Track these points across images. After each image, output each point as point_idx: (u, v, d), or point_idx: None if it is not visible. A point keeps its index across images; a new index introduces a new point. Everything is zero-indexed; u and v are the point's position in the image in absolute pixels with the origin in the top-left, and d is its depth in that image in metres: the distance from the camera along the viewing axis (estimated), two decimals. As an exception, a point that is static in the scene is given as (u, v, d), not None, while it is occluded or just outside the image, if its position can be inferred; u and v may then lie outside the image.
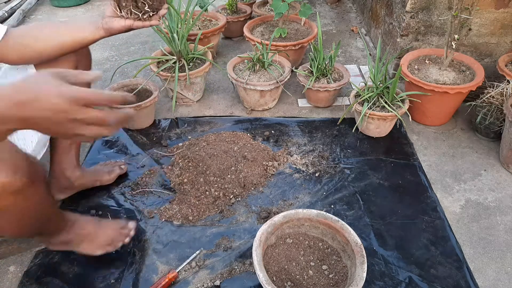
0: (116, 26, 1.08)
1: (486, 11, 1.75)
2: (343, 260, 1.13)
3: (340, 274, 1.10)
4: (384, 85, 1.60)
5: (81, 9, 3.07)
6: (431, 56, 1.80)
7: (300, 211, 1.15)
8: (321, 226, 1.16)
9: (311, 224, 1.17)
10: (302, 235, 1.19)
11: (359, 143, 1.66)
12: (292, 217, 1.14)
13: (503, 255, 1.23)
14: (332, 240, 1.16)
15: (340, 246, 1.14)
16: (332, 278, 1.10)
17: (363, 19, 2.69)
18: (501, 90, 1.55)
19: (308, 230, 1.18)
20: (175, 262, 1.21)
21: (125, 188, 1.46)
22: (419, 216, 1.34)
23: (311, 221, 1.16)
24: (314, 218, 1.15)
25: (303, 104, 1.91)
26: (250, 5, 2.59)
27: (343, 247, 1.12)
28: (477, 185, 1.47)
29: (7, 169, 0.81)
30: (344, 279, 1.08)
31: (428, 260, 1.21)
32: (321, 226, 1.16)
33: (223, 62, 2.24)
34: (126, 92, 0.83)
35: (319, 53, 1.77)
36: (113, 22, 1.08)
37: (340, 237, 1.12)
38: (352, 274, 1.05)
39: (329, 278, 1.10)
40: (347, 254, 1.11)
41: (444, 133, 1.72)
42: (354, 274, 1.02)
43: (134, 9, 1.05)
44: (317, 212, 1.14)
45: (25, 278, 1.17)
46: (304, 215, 1.14)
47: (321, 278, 1.10)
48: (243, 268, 1.19)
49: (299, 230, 1.18)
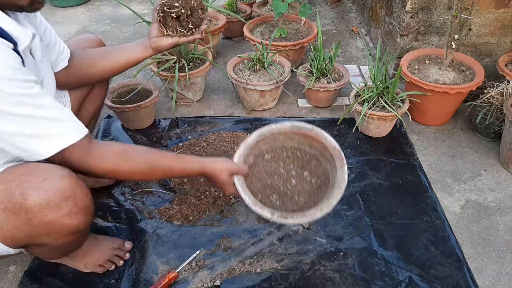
0: (164, 44, 1.19)
1: (486, 11, 1.75)
2: (322, 164, 1.14)
3: (322, 178, 1.12)
4: (384, 85, 1.60)
5: (81, 9, 3.07)
6: (431, 56, 1.80)
7: (274, 126, 1.14)
8: (296, 137, 1.16)
9: (286, 137, 1.17)
10: (279, 148, 1.19)
11: (359, 143, 1.66)
12: (267, 134, 1.14)
13: (503, 255, 1.23)
14: (309, 147, 1.17)
15: (318, 152, 1.15)
16: (315, 182, 1.12)
17: (363, 19, 2.69)
18: (501, 90, 1.55)
19: (284, 143, 1.18)
20: (175, 262, 1.21)
21: (125, 188, 1.46)
22: (419, 216, 1.34)
23: (286, 135, 1.16)
24: (288, 131, 1.15)
25: (303, 104, 1.91)
26: (250, 5, 2.59)
27: (321, 153, 1.14)
28: (477, 185, 1.47)
29: (80, 213, 0.91)
30: (326, 182, 1.09)
31: (428, 260, 1.21)
32: (296, 137, 1.16)
33: (223, 62, 2.24)
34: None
35: (319, 53, 1.77)
36: (161, 41, 1.19)
37: (317, 144, 1.13)
38: (333, 177, 1.06)
39: (312, 184, 1.12)
40: (326, 158, 1.13)
41: (444, 133, 1.72)
42: (335, 177, 1.04)
43: (179, 28, 1.15)
44: (291, 124, 1.14)
45: (25, 278, 1.17)
46: (278, 130, 1.14)
47: (304, 185, 1.12)
48: (243, 268, 1.19)
49: (275, 144, 1.18)
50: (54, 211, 0.86)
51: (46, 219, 0.86)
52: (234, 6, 2.48)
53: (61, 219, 0.88)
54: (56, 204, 0.86)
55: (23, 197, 0.84)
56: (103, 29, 2.74)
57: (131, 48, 1.23)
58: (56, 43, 1.13)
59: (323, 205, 1.00)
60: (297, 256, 1.22)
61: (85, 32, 2.69)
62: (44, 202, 0.85)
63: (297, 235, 1.28)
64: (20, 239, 0.91)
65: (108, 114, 1.83)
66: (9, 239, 0.91)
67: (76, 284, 1.15)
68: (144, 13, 2.94)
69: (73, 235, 0.95)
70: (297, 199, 1.11)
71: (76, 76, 1.20)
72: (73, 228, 0.91)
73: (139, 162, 0.98)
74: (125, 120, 1.72)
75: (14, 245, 0.94)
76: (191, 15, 1.15)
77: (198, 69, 1.79)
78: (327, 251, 1.24)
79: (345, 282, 1.15)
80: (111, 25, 2.81)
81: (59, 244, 0.96)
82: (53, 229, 0.90)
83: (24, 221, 0.86)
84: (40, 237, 0.91)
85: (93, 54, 1.22)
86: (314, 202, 1.07)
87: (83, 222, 0.93)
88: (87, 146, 0.91)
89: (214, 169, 1.06)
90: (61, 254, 1.12)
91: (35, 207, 0.85)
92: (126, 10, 2.96)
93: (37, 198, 0.84)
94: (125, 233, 1.30)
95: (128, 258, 1.22)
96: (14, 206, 0.84)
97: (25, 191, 0.84)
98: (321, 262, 1.20)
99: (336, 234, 1.29)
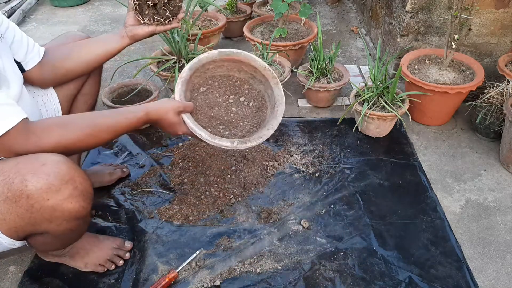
0: (140, 33, 1.17)
1: (486, 11, 1.75)
2: (254, 86, 1.17)
3: (258, 100, 1.16)
4: (384, 85, 1.60)
5: (81, 9, 3.07)
6: (431, 56, 1.80)
7: (202, 56, 1.15)
8: (225, 64, 1.18)
9: (216, 65, 1.18)
10: (210, 78, 1.19)
11: (359, 143, 1.66)
12: (197, 65, 1.14)
13: (503, 255, 1.23)
14: (238, 72, 1.19)
15: (248, 75, 1.17)
16: (253, 105, 1.15)
17: (363, 19, 2.69)
18: (501, 90, 1.55)
19: (214, 72, 1.19)
20: (175, 262, 1.21)
21: (125, 188, 1.46)
22: (419, 216, 1.34)
23: (215, 63, 1.17)
24: (217, 59, 1.16)
25: (303, 104, 1.91)
26: (250, 5, 2.59)
27: (252, 75, 1.16)
28: (477, 185, 1.47)
29: (80, 196, 0.90)
30: (263, 103, 1.13)
31: (428, 260, 1.21)
32: (225, 63, 1.18)
33: (223, 62, 2.24)
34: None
35: (319, 53, 1.77)
36: (137, 29, 1.17)
37: (246, 67, 1.16)
38: (270, 96, 1.12)
39: (251, 107, 1.15)
40: (257, 80, 1.16)
41: (444, 133, 1.72)
42: (273, 95, 1.09)
43: (156, 16, 1.14)
44: (218, 51, 1.15)
45: (25, 278, 1.17)
46: (207, 59, 1.15)
47: (244, 110, 1.15)
48: (243, 268, 1.19)
49: (205, 75, 1.19)
50: (55, 195, 0.86)
51: (47, 203, 0.86)
52: (234, 6, 2.48)
53: (62, 203, 0.88)
54: (57, 188, 0.86)
55: (23, 184, 0.84)
56: (103, 29, 2.74)
57: (107, 38, 1.21)
58: (23, 41, 1.10)
59: (272, 123, 1.04)
60: (297, 256, 1.22)
61: (85, 32, 2.69)
62: (45, 186, 0.85)
63: (297, 235, 1.28)
64: (23, 229, 0.91)
65: (108, 114, 1.83)
66: (13, 230, 0.91)
67: (76, 284, 1.15)
68: (144, 13, 2.94)
69: (75, 221, 0.95)
70: (243, 125, 1.14)
71: (51, 71, 1.17)
72: (74, 212, 0.91)
73: (81, 126, 0.95)
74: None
75: (18, 236, 0.94)
76: (168, 3, 1.13)
77: (198, 69, 1.79)
78: (327, 251, 1.24)
79: (345, 282, 1.15)
80: (111, 25, 2.81)
81: (60, 231, 0.95)
82: (55, 214, 0.89)
83: (26, 208, 0.86)
84: (42, 224, 0.91)
85: (67, 47, 1.19)
86: (259, 124, 1.11)
87: (84, 206, 0.93)
88: (27, 127, 0.89)
89: (159, 109, 1.03)
90: (63, 244, 1.11)
91: (36, 192, 0.85)
92: (126, 10, 2.96)
93: (37, 183, 0.84)
94: (125, 233, 1.30)
95: (128, 258, 1.22)
96: (14, 194, 0.84)
97: (25, 177, 0.84)
98: (321, 262, 1.20)
99: (336, 234, 1.29)
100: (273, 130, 1.06)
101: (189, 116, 1.05)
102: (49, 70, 1.16)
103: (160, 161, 1.57)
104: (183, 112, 1.06)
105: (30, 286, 1.15)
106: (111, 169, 1.48)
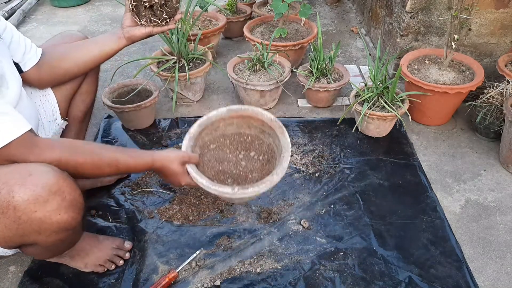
0: (137, 34, 1.18)
1: (486, 11, 1.75)
2: (264, 140, 1.18)
3: (268, 153, 1.16)
4: (384, 85, 1.60)
5: (81, 9, 3.07)
6: (431, 56, 1.80)
7: (211, 114, 1.15)
8: (235, 121, 1.18)
9: (226, 123, 1.18)
10: (221, 136, 1.20)
11: (359, 143, 1.66)
12: (207, 123, 1.15)
13: (503, 255, 1.23)
14: (249, 129, 1.19)
15: (258, 130, 1.18)
16: (263, 158, 1.18)
17: (363, 19, 2.70)
18: (501, 90, 1.55)
19: (225, 131, 1.19)
20: (175, 262, 1.21)
21: (125, 188, 1.46)
22: (419, 216, 1.34)
23: (224, 120, 1.17)
24: (226, 116, 1.16)
25: (303, 104, 1.91)
26: (250, 5, 2.59)
27: (261, 129, 1.17)
28: (477, 185, 1.47)
29: (69, 207, 0.89)
30: (272, 154, 1.13)
31: (428, 260, 1.21)
32: (234, 120, 1.17)
33: (223, 62, 2.24)
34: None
35: (319, 53, 1.78)
36: (134, 30, 1.18)
37: (255, 122, 1.16)
38: (278, 146, 1.12)
39: (261, 160, 1.18)
40: (266, 133, 1.16)
41: (444, 133, 1.72)
42: (279, 145, 1.09)
43: (153, 17, 1.15)
44: (227, 108, 1.16)
45: (25, 278, 1.17)
46: (216, 117, 1.15)
47: (254, 163, 1.17)
48: (243, 268, 1.19)
49: (216, 133, 1.19)
50: (42, 206, 0.85)
51: (35, 215, 0.85)
52: (234, 6, 2.49)
53: (50, 215, 0.86)
54: (44, 199, 0.84)
55: (10, 195, 0.82)
56: (103, 29, 2.75)
57: (104, 39, 1.20)
58: (20, 42, 1.10)
59: (277, 170, 1.02)
60: (297, 256, 1.22)
61: (85, 32, 2.69)
62: (32, 198, 0.83)
63: (297, 235, 1.28)
64: (12, 239, 0.90)
65: (108, 114, 1.83)
66: (1, 240, 0.90)
67: (76, 283, 1.15)
68: (144, 13, 2.94)
69: (64, 232, 0.93)
70: (251, 177, 1.15)
71: (49, 72, 1.17)
72: (63, 224, 0.89)
73: (85, 153, 0.96)
74: (125, 120, 1.72)
75: (8, 246, 0.93)
76: (164, 4, 1.13)
77: (198, 69, 1.79)
78: (327, 251, 1.24)
79: (345, 282, 1.15)
80: (111, 25, 2.81)
81: (50, 242, 0.94)
82: (43, 226, 0.88)
83: (13, 219, 0.84)
84: (30, 235, 0.89)
85: (64, 48, 1.19)
86: (268, 174, 1.08)
87: (73, 217, 0.91)
88: (31, 139, 0.90)
89: (164, 159, 1.04)
90: (54, 253, 1.10)
91: (23, 204, 0.83)
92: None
93: (24, 194, 0.83)
94: (125, 233, 1.30)
95: (128, 258, 1.22)
96: (1, 205, 0.83)
97: (12, 188, 0.83)
98: (321, 262, 1.20)
99: (336, 234, 1.29)
100: (278, 176, 1.02)
101: (193, 166, 1.05)
102: (47, 71, 1.16)
103: (160, 161, 1.57)
104: (188, 162, 1.05)
105: (30, 286, 1.15)
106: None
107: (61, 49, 1.19)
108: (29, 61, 1.13)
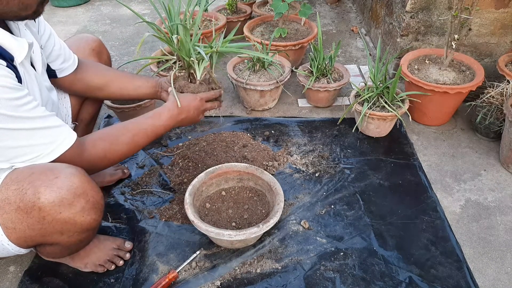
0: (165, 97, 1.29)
1: (486, 11, 1.75)
2: (267, 197, 1.31)
3: (265, 207, 1.30)
4: (384, 85, 1.60)
5: (81, 9, 3.07)
6: (431, 56, 1.80)
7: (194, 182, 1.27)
8: (213, 181, 1.33)
9: (207, 185, 1.32)
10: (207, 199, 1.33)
11: (359, 143, 1.66)
12: (193, 190, 1.25)
13: (503, 255, 1.23)
14: (226, 183, 1.36)
15: (236, 180, 1.36)
16: (261, 211, 1.30)
17: (363, 19, 2.70)
18: (501, 90, 1.55)
19: (208, 192, 1.34)
20: (175, 262, 1.21)
21: (125, 188, 1.46)
22: (419, 216, 1.34)
23: (205, 183, 1.31)
24: (206, 179, 1.30)
25: (303, 104, 1.91)
26: (250, 5, 2.59)
27: (239, 178, 1.35)
28: (477, 185, 1.47)
29: (92, 210, 0.93)
30: (269, 210, 1.26)
31: (428, 260, 1.21)
32: (213, 180, 1.32)
33: (223, 62, 2.24)
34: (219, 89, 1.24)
35: (319, 53, 1.77)
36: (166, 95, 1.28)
37: (231, 174, 1.34)
38: (262, 185, 1.31)
39: (263, 213, 1.29)
40: (245, 180, 1.35)
41: (444, 133, 1.72)
42: (264, 183, 1.29)
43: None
44: (204, 173, 1.29)
45: (25, 278, 1.17)
46: (198, 183, 1.28)
47: (254, 216, 1.29)
48: (244, 269, 1.19)
49: (201, 197, 1.31)
50: (67, 209, 0.87)
51: (60, 216, 0.87)
52: (234, 6, 2.48)
53: (74, 216, 0.89)
54: (69, 202, 0.87)
55: (36, 196, 0.84)
56: (103, 29, 2.74)
57: (142, 84, 1.30)
58: (61, 50, 1.15)
59: (271, 218, 1.16)
60: (297, 256, 1.22)
61: (85, 32, 2.69)
62: (57, 200, 0.85)
63: (297, 235, 1.28)
64: (33, 239, 0.92)
65: (108, 114, 1.83)
66: (22, 239, 0.91)
67: (76, 283, 1.15)
68: (144, 13, 2.94)
69: (86, 232, 0.96)
70: (247, 216, 1.29)
71: (84, 88, 1.25)
72: (86, 225, 0.92)
73: (125, 142, 1.07)
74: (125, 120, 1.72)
75: (27, 245, 0.95)
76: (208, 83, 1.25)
77: (198, 69, 1.79)
78: (327, 251, 1.24)
79: (345, 282, 1.15)
80: (111, 25, 2.81)
81: (71, 242, 0.96)
82: (67, 227, 0.90)
83: (37, 219, 0.86)
84: (52, 235, 0.91)
85: (105, 78, 1.27)
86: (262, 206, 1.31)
87: (95, 219, 0.94)
88: (79, 145, 0.96)
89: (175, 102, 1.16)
90: (72, 252, 1.12)
91: (48, 205, 0.85)
92: (126, 10, 2.96)
93: (50, 196, 0.85)
94: (125, 233, 1.30)
95: (128, 258, 1.21)
96: (26, 205, 0.85)
97: (38, 189, 0.84)
98: (321, 262, 1.20)
99: (336, 234, 1.29)
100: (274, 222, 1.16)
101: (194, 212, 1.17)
102: (82, 86, 1.24)
103: (160, 161, 1.57)
104: (205, 98, 1.19)
105: (30, 286, 1.15)
106: (112, 170, 1.48)
107: (101, 75, 1.26)
108: (66, 69, 1.18)
